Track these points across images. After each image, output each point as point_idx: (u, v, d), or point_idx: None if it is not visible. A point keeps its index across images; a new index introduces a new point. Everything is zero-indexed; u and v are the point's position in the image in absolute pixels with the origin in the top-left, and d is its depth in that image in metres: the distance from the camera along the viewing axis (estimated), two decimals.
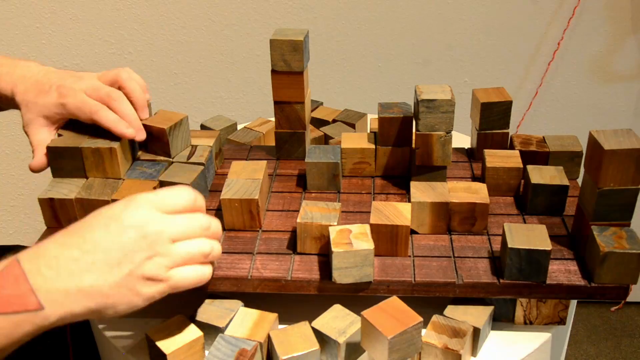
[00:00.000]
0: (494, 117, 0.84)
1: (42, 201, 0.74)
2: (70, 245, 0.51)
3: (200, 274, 0.58)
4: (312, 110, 1.03)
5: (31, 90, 0.74)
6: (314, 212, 0.70)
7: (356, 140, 0.84)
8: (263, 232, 0.74)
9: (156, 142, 0.80)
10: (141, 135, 0.77)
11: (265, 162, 0.79)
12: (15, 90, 0.75)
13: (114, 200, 0.73)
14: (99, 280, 0.51)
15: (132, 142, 0.80)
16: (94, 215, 0.55)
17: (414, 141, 0.80)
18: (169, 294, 0.56)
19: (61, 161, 0.76)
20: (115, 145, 0.75)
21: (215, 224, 0.60)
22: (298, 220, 0.69)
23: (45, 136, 0.76)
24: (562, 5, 1.39)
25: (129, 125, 0.75)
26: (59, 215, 0.75)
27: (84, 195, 0.74)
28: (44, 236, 0.74)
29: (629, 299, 1.77)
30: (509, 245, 0.64)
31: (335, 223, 0.69)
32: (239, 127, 1.02)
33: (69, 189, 0.75)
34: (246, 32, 1.42)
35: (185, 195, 0.58)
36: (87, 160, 0.76)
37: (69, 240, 0.52)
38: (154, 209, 0.55)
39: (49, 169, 0.77)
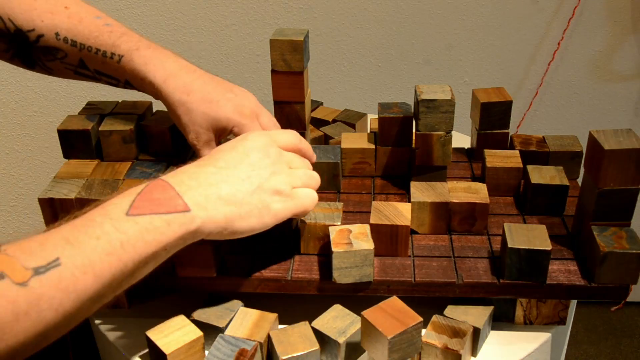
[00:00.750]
0: (494, 117, 0.84)
1: (42, 201, 0.74)
2: (206, 165, 0.58)
3: (315, 196, 0.64)
4: (312, 110, 1.03)
5: (196, 95, 0.71)
6: (317, 212, 0.70)
7: (356, 140, 0.84)
8: (263, 232, 0.74)
9: (157, 142, 0.80)
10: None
11: None
12: (168, 85, 0.71)
13: None
14: (234, 189, 0.57)
15: (136, 140, 0.80)
16: (221, 145, 0.62)
17: (414, 141, 0.80)
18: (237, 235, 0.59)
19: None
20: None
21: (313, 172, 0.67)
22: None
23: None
24: (562, 5, 1.39)
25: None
26: (59, 215, 0.75)
27: (84, 195, 0.74)
28: None
29: (629, 299, 1.77)
30: (509, 245, 0.64)
31: (339, 223, 0.69)
32: None
33: (69, 188, 0.75)
34: (246, 32, 1.42)
35: (293, 136, 0.67)
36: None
37: (203, 162, 0.59)
38: (271, 140, 0.63)
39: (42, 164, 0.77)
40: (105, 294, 0.48)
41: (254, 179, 0.58)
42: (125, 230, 0.49)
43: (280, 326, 0.66)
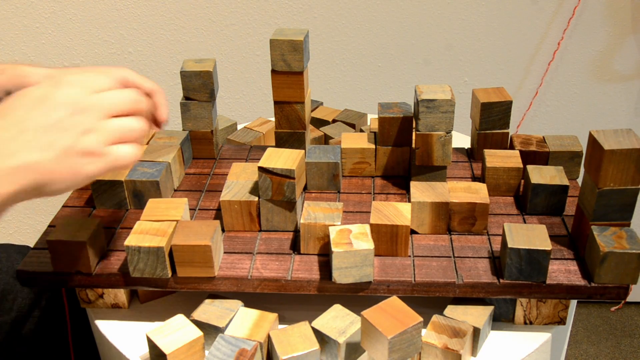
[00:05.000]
0: (494, 117, 0.84)
1: None
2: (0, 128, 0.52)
3: (136, 150, 0.58)
4: (312, 110, 1.03)
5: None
6: (317, 212, 0.70)
7: (356, 140, 0.84)
8: (263, 232, 0.74)
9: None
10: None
11: None
12: None
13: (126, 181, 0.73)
14: (34, 157, 0.51)
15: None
16: (20, 95, 0.54)
17: (414, 141, 0.80)
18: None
19: None
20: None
21: (143, 100, 0.60)
22: (302, 221, 0.69)
23: None
24: (562, 5, 1.39)
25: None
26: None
27: None
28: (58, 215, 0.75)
29: (629, 299, 1.77)
30: (509, 245, 0.64)
31: (339, 223, 0.69)
32: (239, 127, 1.02)
33: None
34: (246, 32, 1.42)
35: (113, 73, 0.59)
36: None
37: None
38: (85, 88, 0.56)
39: None
40: None
41: (58, 142, 0.52)
42: None
43: (280, 326, 0.66)
